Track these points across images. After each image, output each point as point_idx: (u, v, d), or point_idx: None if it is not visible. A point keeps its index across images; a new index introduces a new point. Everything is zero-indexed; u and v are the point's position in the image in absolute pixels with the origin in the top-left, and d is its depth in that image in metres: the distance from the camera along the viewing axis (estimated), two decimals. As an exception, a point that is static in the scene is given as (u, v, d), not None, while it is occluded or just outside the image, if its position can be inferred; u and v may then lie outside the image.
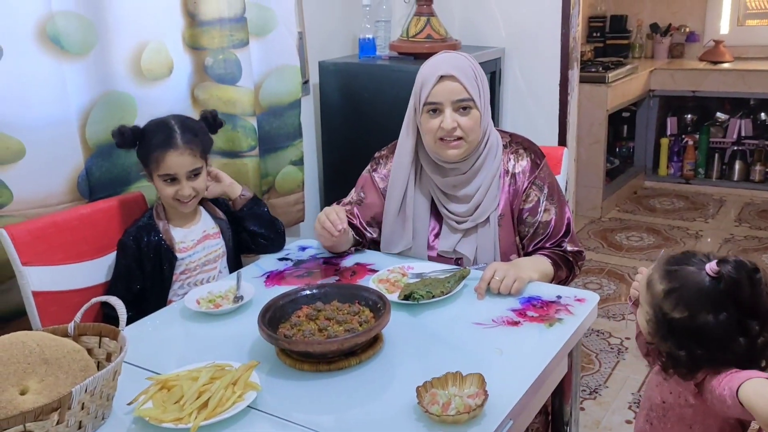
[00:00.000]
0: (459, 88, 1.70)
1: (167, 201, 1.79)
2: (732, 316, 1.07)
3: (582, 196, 4.46)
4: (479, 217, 1.80)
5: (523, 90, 2.98)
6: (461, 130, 1.70)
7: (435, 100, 1.70)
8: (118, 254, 1.78)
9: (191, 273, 1.82)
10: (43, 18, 1.74)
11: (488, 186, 1.79)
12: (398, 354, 1.40)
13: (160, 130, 1.77)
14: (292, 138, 2.52)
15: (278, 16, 2.37)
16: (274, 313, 1.43)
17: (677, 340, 1.09)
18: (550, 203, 1.80)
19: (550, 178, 1.84)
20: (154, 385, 1.25)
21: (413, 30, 2.62)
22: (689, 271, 1.11)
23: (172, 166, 1.74)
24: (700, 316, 1.07)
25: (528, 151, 1.84)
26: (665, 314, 1.11)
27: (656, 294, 1.13)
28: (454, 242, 1.82)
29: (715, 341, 1.07)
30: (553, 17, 2.83)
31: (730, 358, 1.08)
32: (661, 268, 1.15)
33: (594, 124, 4.33)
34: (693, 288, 1.09)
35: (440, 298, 1.56)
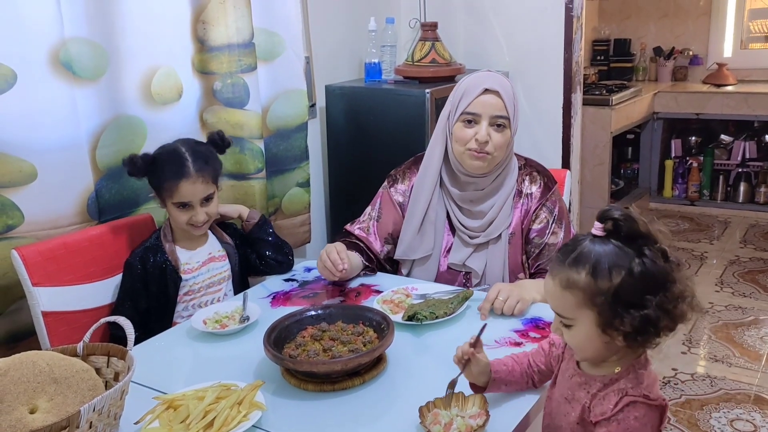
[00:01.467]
0: (500, 104, 1.75)
1: (181, 226, 1.82)
2: (649, 246, 1.04)
3: (586, 218, 4.46)
4: (492, 234, 1.83)
5: (527, 113, 3.01)
6: (492, 145, 1.75)
7: (474, 110, 1.75)
8: (125, 274, 1.81)
9: (195, 294, 1.84)
10: (56, 44, 1.78)
11: (502, 204, 1.84)
12: (401, 374, 1.41)
13: (171, 159, 1.79)
14: (299, 160, 2.55)
15: (286, 41, 2.42)
16: (280, 333, 1.45)
17: (638, 301, 1.02)
18: (558, 227, 1.84)
19: (561, 203, 1.88)
20: (161, 404, 1.27)
21: (418, 54, 2.66)
22: (589, 245, 1.06)
23: (185, 194, 1.77)
24: (633, 265, 1.02)
25: (541, 175, 1.89)
26: (608, 290, 1.02)
27: (585, 284, 1.04)
28: (465, 256, 1.86)
29: (661, 275, 1.03)
30: (556, 41, 2.88)
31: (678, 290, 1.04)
32: (563, 266, 1.07)
33: (598, 146, 4.36)
34: (606, 253, 1.04)
35: (443, 319, 1.57)
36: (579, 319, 1.07)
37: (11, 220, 1.77)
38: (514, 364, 1.30)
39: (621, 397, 1.05)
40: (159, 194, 1.82)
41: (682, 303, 1.05)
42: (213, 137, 1.90)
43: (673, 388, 2.73)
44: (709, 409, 2.58)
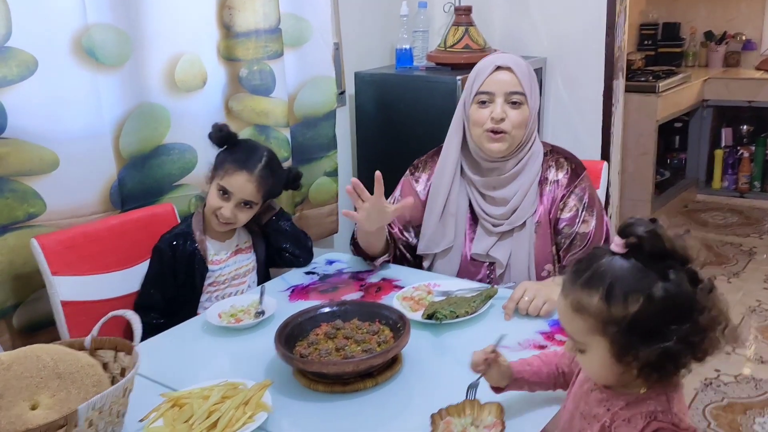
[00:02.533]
0: (514, 80, 1.69)
1: (209, 209, 1.79)
2: (676, 269, 0.91)
3: (629, 210, 4.32)
4: (516, 221, 1.76)
5: (565, 101, 2.90)
6: (509, 122, 1.68)
7: (488, 89, 1.70)
8: (153, 259, 1.79)
9: (219, 286, 1.81)
10: (79, 30, 1.76)
11: (526, 190, 1.76)
12: (417, 376, 1.36)
13: (248, 149, 1.80)
14: (327, 149, 2.50)
15: (314, 27, 2.36)
16: (293, 330, 1.40)
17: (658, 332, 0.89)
18: (590, 215, 1.75)
19: (591, 189, 1.79)
20: (166, 402, 1.24)
21: (451, 40, 2.57)
22: (606, 264, 0.94)
23: (234, 185, 1.74)
24: (655, 290, 0.89)
25: (569, 162, 1.80)
26: (623, 319, 0.90)
27: (598, 309, 0.92)
28: (489, 245, 1.79)
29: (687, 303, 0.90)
30: (597, 25, 2.75)
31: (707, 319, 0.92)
32: (575, 285, 0.95)
33: (643, 134, 4.20)
34: (625, 273, 0.92)
35: (464, 318, 1.51)
36: (591, 345, 0.97)
37: (33, 208, 1.76)
38: (541, 365, 1.22)
39: (648, 422, 0.95)
40: (215, 170, 1.79)
41: (712, 334, 0.93)
42: (292, 173, 1.91)
43: (715, 391, 2.61)
44: (753, 413, 2.45)
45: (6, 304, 1.76)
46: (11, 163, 1.70)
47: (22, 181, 1.73)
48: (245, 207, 1.77)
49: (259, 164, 1.76)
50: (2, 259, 1.73)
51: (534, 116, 1.75)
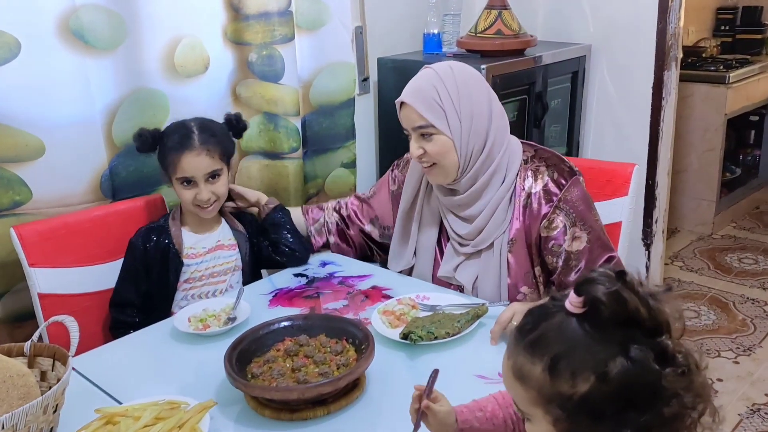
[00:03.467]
0: (414, 115, 1.56)
1: (187, 207, 1.70)
2: (641, 341, 0.74)
3: (690, 210, 4.02)
4: (482, 243, 1.61)
5: (610, 93, 2.66)
6: (429, 156, 1.57)
7: (404, 126, 1.61)
8: (126, 253, 1.72)
9: (195, 283, 1.71)
10: (65, 12, 1.68)
11: (494, 208, 1.59)
12: (380, 404, 1.22)
13: (176, 131, 1.68)
14: (344, 139, 2.37)
15: (332, 10, 2.22)
16: (251, 344, 1.29)
17: (611, 416, 0.74)
18: (581, 230, 1.54)
19: (580, 200, 1.56)
20: (99, 419, 1.15)
21: (482, 25, 2.38)
22: (555, 325, 0.77)
23: (188, 168, 1.65)
24: (610, 368, 0.73)
25: (551, 169, 1.59)
26: (569, 399, 0.75)
27: (540, 382, 0.76)
28: (454, 266, 1.65)
29: (650, 388, 0.74)
30: (648, 9, 2.49)
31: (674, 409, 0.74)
32: (519, 347, 0.79)
33: (709, 129, 3.87)
34: (576, 343, 0.75)
35: (444, 341, 1.35)
36: (536, 417, 0.80)
37: (18, 196, 1.71)
38: (496, 409, 1.05)
39: None
40: (166, 171, 1.70)
41: (680, 424, 0.75)
42: (229, 117, 1.78)
43: (762, 418, 2.36)
44: (804, 448, 2.20)
45: (-10, 293, 1.73)
46: (-5, 149, 1.65)
47: (7, 168, 1.68)
48: (214, 179, 1.68)
49: (194, 135, 1.66)
50: (-14, 247, 1.69)
51: (471, 132, 1.54)
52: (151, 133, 1.69)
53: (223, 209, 1.78)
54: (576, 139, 2.69)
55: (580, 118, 2.69)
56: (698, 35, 4.53)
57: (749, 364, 2.67)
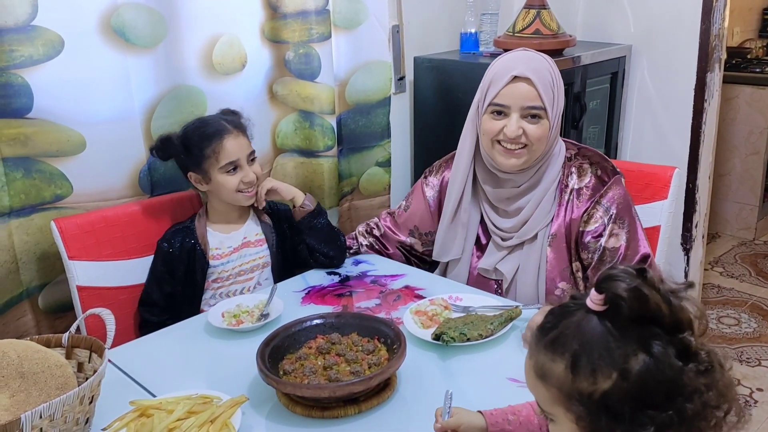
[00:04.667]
0: (533, 93, 1.50)
1: (231, 197, 1.70)
2: (663, 338, 0.73)
3: (732, 214, 3.93)
4: (526, 234, 1.60)
5: (651, 94, 2.61)
6: (527, 138, 1.51)
7: (502, 102, 1.52)
8: (155, 255, 1.74)
9: (223, 282, 1.72)
10: (107, 10, 1.71)
11: (540, 200, 1.59)
12: (411, 405, 1.21)
13: (205, 124, 1.71)
14: (380, 138, 2.37)
15: (369, 9, 2.22)
16: (283, 341, 1.29)
17: (631, 414, 0.72)
18: (620, 227, 1.53)
19: (622, 198, 1.56)
20: (133, 411, 1.17)
21: (520, 24, 2.35)
22: (576, 323, 0.76)
23: (233, 151, 1.67)
24: (631, 365, 0.72)
25: (594, 167, 1.59)
26: (591, 396, 0.73)
27: (561, 380, 0.75)
28: (496, 260, 1.64)
29: (672, 385, 0.73)
30: (692, 9, 2.43)
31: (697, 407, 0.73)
32: (539, 345, 0.79)
33: (753, 132, 3.77)
34: (597, 340, 0.74)
35: (476, 342, 1.34)
36: (558, 417, 0.79)
37: (60, 190, 1.75)
38: (531, 415, 1.04)
39: None
40: (200, 167, 1.69)
41: (704, 423, 0.73)
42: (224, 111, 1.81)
43: (804, 430, 2.29)
44: None
45: (32, 284, 1.76)
46: (38, 144, 1.68)
47: (49, 163, 1.71)
48: (252, 162, 1.72)
49: (225, 121, 1.69)
50: (28, 240, 1.72)
51: (557, 124, 1.55)
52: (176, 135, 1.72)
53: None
54: (614, 141, 2.64)
55: (619, 119, 2.64)
56: (744, 36, 4.42)
57: (791, 374, 2.60)
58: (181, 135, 1.70)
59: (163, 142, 1.70)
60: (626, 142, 2.72)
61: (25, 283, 1.74)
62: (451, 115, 2.43)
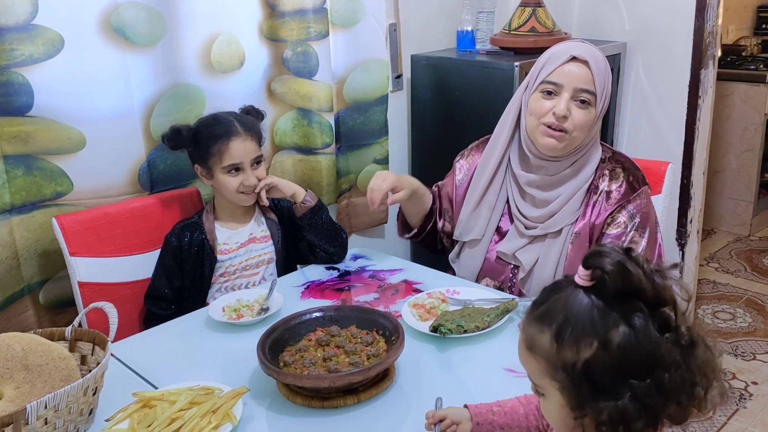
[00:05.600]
0: (588, 76, 1.51)
1: (231, 196, 1.73)
2: (644, 312, 0.76)
3: (728, 210, 3.95)
4: (551, 227, 1.60)
5: (646, 91, 2.63)
6: (571, 122, 1.51)
7: (556, 80, 1.52)
8: (162, 249, 1.76)
9: (230, 276, 1.75)
10: (107, 9, 1.73)
11: (570, 196, 1.59)
12: (409, 395, 1.23)
13: (216, 122, 1.72)
14: (377, 135, 2.39)
15: (366, 7, 2.24)
16: (283, 333, 1.31)
17: (611, 386, 0.75)
18: (640, 235, 1.55)
19: (646, 208, 1.58)
20: (136, 402, 1.18)
21: (516, 22, 2.38)
22: (564, 297, 0.80)
23: (237, 154, 1.69)
24: (612, 335, 0.75)
25: (626, 173, 1.61)
26: (574, 365, 0.76)
27: (547, 350, 0.79)
28: (517, 247, 1.65)
29: (650, 356, 0.75)
30: (686, 7, 2.46)
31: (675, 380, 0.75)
32: (529, 322, 0.82)
33: (748, 129, 3.80)
34: (582, 312, 0.77)
35: (473, 334, 1.36)
36: (547, 389, 0.82)
37: (60, 187, 1.76)
38: (516, 405, 1.07)
39: None
40: (206, 163, 1.72)
41: (683, 397, 0.76)
42: (248, 109, 1.82)
43: (799, 423, 2.31)
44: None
45: (33, 280, 1.78)
46: (39, 142, 1.70)
47: (50, 160, 1.73)
48: (257, 165, 1.73)
49: (236, 123, 1.70)
50: (30, 236, 1.74)
51: (598, 121, 1.56)
52: (187, 128, 1.74)
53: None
54: (610, 137, 2.66)
55: (614, 115, 2.66)
56: (739, 33, 4.44)
57: (786, 368, 2.63)
58: (193, 128, 1.73)
59: (174, 132, 1.72)
60: (622, 137, 2.74)
61: (26, 279, 1.76)
62: (449, 112, 2.46)
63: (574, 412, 0.78)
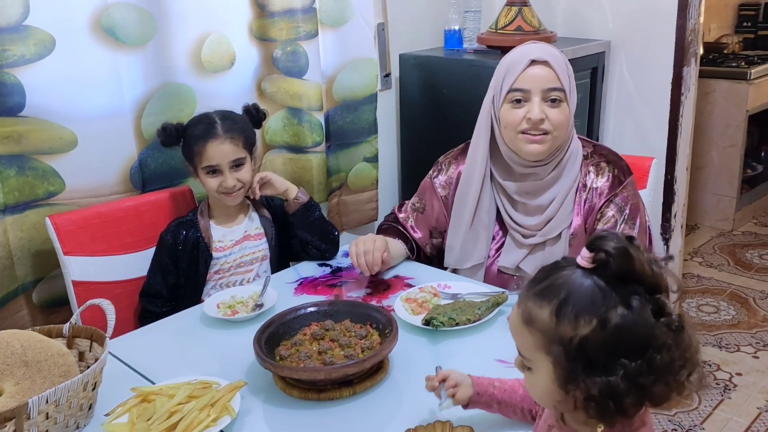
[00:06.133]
0: (552, 75, 1.52)
1: (213, 195, 1.75)
2: (642, 296, 0.80)
3: (711, 206, 4.01)
4: (550, 233, 1.61)
5: (630, 88, 2.67)
6: (549, 123, 1.52)
7: (522, 86, 1.52)
8: (157, 247, 1.78)
9: (224, 273, 1.77)
10: (97, 10, 1.74)
11: (564, 198, 1.60)
12: (403, 386, 1.26)
13: (200, 122, 1.74)
14: (367, 134, 2.41)
15: (355, 7, 2.27)
16: (279, 328, 1.33)
17: (605, 363, 0.78)
18: (630, 227, 1.58)
19: (634, 199, 1.60)
20: (135, 397, 1.20)
21: (503, 21, 2.41)
22: (566, 276, 0.83)
23: (213, 156, 1.70)
24: (610, 315, 0.78)
25: (611, 166, 1.62)
26: (571, 340, 0.79)
27: (546, 324, 0.81)
28: (518, 258, 1.65)
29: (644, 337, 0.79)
30: (668, 6, 2.50)
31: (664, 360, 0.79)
32: (528, 297, 0.85)
33: (730, 125, 3.86)
34: (583, 290, 0.80)
35: (464, 327, 1.39)
36: (537, 363, 0.85)
37: (52, 186, 1.77)
38: (516, 385, 1.10)
39: None
40: (192, 162, 1.75)
41: (670, 378, 0.79)
42: (248, 108, 1.83)
43: (782, 413, 2.36)
44: (823, 443, 2.20)
45: (26, 279, 1.79)
46: (31, 142, 1.71)
47: (42, 160, 1.74)
48: (239, 168, 1.73)
49: (217, 125, 1.71)
50: (22, 236, 1.75)
51: (572, 114, 1.58)
52: (174, 126, 1.76)
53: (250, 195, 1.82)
54: (596, 134, 2.71)
55: (600, 112, 2.70)
56: (720, 31, 4.51)
57: (769, 359, 2.68)
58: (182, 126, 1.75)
59: (164, 129, 1.75)
60: (607, 134, 2.79)
61: (20, 279, 1.77)
62: (437, 110, 2.49)
63: (563, 387, 0.81)
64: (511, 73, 1.53)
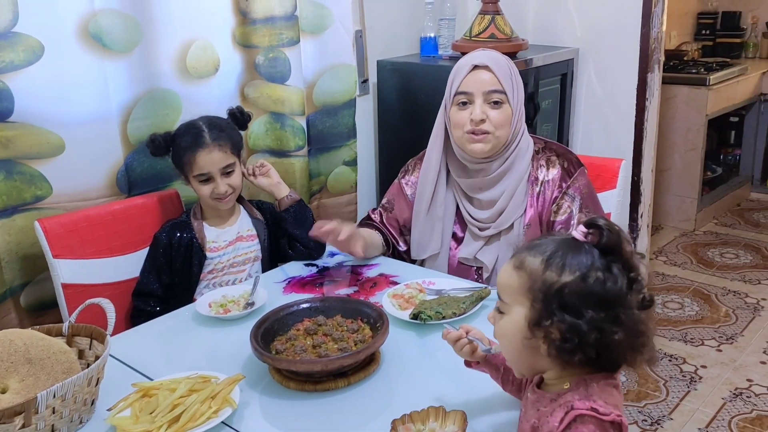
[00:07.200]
0: (492, 79, 1.64)
1: (206, 201, 1.80)
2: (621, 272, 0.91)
3: (674, 207, 4.16)
4: (502, 224, 1.72)
5: (598, 93, 2.78)
6: (490, 123, 1.64)
7: (466, 89, 1.66)
8: (151, 247, 1.81)
9: (218, 273, 1.81)
10: (85, 16, 1.77)
11: (513, 191, 1.71)
12: (395, 377, 1.32)
13: (187, 132, 1.79)
14: (346, 138, 2.47)
15: (334, 14, 2.32)
16: (273, 324, 1.38)
17: (575, 308, 0.89)
18: (586, 215, 1.67)
19: (586, 188, 1.71)
20: (136, 392, 1.24)
21: (476, 29, 2.49)
22: (561, 238, 0.96)
23: (204, 165, 1.75)
24: (592, 273, 0.90)
25: (561, 159, 1.73)
26: (552, 286, 0.91)
27: (534, 269, 0.93)
28: (475, 249, 1.75)
29: (615, 297, 0.90)
30: (632, 14, 2.62)
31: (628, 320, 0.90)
32: (523, 250, 0.97)
33: (691, 129, 4.01)
34: (573, 249, 0.93)
35: (451, 320, 1.46)
36: (513, 307, 0.96)
37: (40, 191, 1.80)
38: None
39: (567, 412, 0.92)
40: (182, 170, 1.80)
41: (629, 338, 0.91)
42: (232, 111, 1.89)
43: (744, 401, 2.48)
44: (783, 429, 2.32)
45: (14, 283, 1.80)
46: (19, 147, 1.73)
47: (30, 164, 1.77)
48: (229, 174, 1.79)
49: (204, 134, 1.76)
50: (10, 240, 1.77)
51: (519, 113, 1.69)
52: (162, 137, 1.80)
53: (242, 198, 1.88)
54: (566, 138, 2.81)
55: (569, 117, 2.81)
56: (680, 39, 4.68)
57: (732, 352, 2.80)
58: (170, 136, 1.79)
59: (152, 140, 1.79)
60: (576, 138, 2.89)
61: (8, 283, 1.79)
62: (413, 115, 2.56)
63: (533, 327, 0.92)
64: (457, 78, 1.67)
